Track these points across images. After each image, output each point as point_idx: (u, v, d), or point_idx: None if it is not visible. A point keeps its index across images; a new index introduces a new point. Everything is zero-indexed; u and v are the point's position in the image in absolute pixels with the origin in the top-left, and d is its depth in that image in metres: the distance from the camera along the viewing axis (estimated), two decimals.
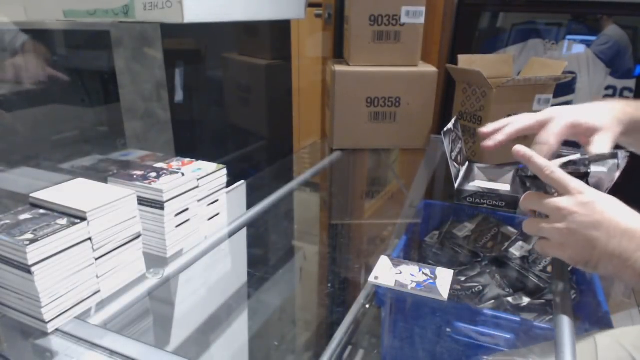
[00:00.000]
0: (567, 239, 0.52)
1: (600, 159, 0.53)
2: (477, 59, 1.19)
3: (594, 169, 0.53)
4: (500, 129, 0.67)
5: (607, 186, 0.53)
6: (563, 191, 0.52)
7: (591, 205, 0.50)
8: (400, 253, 0.80)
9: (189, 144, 1.53)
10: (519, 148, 0.56)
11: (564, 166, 0.55)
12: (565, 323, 0.53)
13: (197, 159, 0.79)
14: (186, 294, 0.73)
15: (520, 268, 0.81)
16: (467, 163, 1.05)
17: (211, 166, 0.77)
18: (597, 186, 0.53)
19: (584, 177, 0.53)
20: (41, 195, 0.59)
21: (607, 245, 0.50)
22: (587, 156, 0.54)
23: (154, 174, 0.70)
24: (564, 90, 1.66)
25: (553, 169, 0.53)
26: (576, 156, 0.55)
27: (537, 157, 0.55)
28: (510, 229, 0.90)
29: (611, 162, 0.52)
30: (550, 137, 0.61)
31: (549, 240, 0.55)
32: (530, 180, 0.57)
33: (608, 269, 0.51)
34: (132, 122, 1.33)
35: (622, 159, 0.53)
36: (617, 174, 0.52)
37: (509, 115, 0.69)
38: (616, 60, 1.62)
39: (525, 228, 0.58)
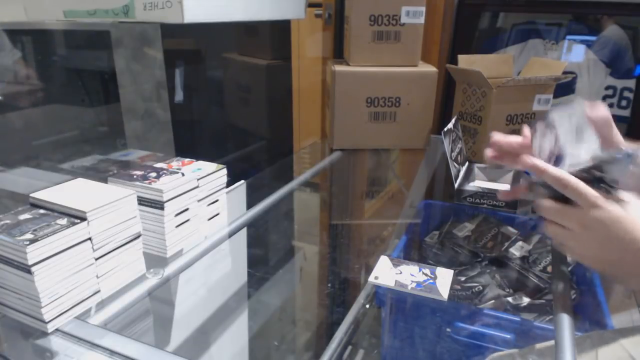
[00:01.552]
0: (581, 253, 0.53)
1: (609, 161, 0.49)
2: (477, 59, 1.19)
3: (608, 175, 0.50)
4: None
5: (629, 185, 0.51)
6: (579, 202, 0.51)
7: (603, 222, 0.49)
8: (400, 253, 0.80)
9: (189, 144, 1.53)
10: (528, 160, 0.53)
11: (577, 174, 0.52)
12: (565, 323, 0.54)
13: (197, 159, 0.78)
14: (186, 294, 0.73)
15: (520, 268, 0.81)
16: (467, 163, 1.05)
17: (211, 166, 0.77)
18: (616, 190, 0.50)
19: (598, 184, 0.51)
20: (41, 195, 0.59)
21: (618, 261, 0.50)
22: (592, 164, 0.51)
23: (154, 174, 0.70)
24: (564, 90, 1.66)
25: (567, 181, 0.51)
26: (585, 163, 0.52)
27: (551, 169, 0.52)
28: (510, 229, 0.90)
29: (622, 165, 0.49)
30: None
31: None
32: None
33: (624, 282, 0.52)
34: (132, 122, 1.33)
35: (634, 157, 0.49)
36: (636, 170, 0.49)
37: (508, 115, 0.68)
38: (616, 60, 1.62)
39: (546, 231, 0.57)
